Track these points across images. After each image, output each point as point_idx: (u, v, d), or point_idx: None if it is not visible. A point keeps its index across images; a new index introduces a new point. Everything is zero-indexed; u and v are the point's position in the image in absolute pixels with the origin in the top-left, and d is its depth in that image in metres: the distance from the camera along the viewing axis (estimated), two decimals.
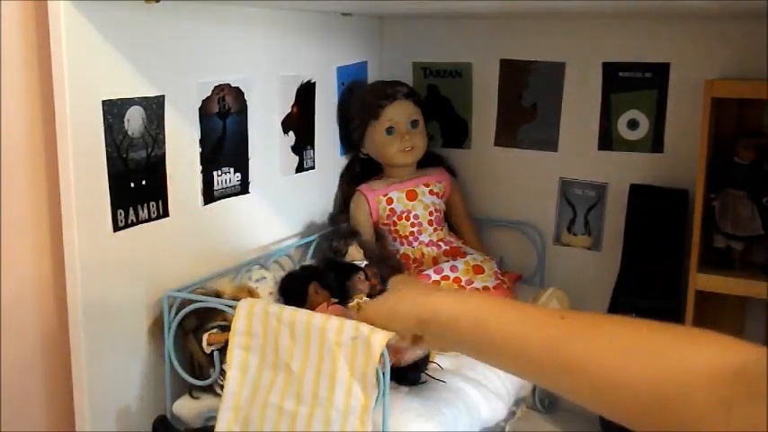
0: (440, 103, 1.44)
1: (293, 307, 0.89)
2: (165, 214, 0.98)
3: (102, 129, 0.87)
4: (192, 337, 0.95)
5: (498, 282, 1.24)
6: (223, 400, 0.87)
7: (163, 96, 0.96)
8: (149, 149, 0.94)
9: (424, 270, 1.24)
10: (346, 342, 0.82)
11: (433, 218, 1.33)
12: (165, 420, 0.93)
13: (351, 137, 1.36)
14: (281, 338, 0.86)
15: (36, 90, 0.85)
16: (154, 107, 0.94)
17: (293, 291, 1.06)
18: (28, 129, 0.85)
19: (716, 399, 0.50)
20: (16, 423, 0.88)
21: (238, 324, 0.88)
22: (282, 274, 1.11)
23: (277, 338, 0.86)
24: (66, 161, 0.83)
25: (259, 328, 0.87)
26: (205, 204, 1.06)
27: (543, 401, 1.32)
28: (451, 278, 1.22)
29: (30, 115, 0.85)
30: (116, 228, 0.90)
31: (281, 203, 1.22)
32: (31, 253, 0.87)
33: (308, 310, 0.90)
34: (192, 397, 0.97)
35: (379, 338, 0.81)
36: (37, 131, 0.86)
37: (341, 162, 1.39)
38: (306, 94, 1.26)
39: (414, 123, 1.32)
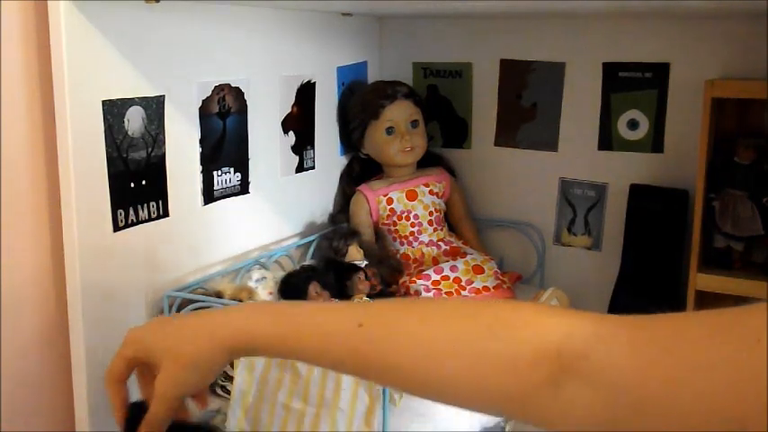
0: (440, 103, 1.44)
1: None
2: (165, 214, 0.98)
3: (102, 129, 0.87)
4: None
5: (498, 282, 1.24)
6: (232, 398, 0.87)
7: (163, 96, 0.96)
8: (149, 149, 0.94)
9: (424, 270, 1.24)
10: None
11: (433, 218, 1.33)
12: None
13: (351, 137, 1.36)
14: None
15: (36, 90, 0.85)
16: (154, 107, 0.94)
17: (293, 291, 1.06)
18: (28, 129, 0.85)
19: (543, 378, 0.49)
20: (16, 423, 0.88)
21: None
22: (282, 274, 1.11)
23: None
24: (67, 161, 0.83)
25: None
26: (205, 204, 1.06)
27: None
28: (451, 278, 1.22)
29: (30, 115, 0.85)
30: (116, 228, 0.90)
31: (281, 203, 1.22)
32: (31, 253, 0.87)
33: None
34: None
35: None
36: (37, 131, 0.86)
37: (341, 162, 1.39)
38: (306, 94, 1.26)
39: (414, 123, 1.32)
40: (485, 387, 0.52)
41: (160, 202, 0.97)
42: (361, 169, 1.39)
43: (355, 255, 1.21)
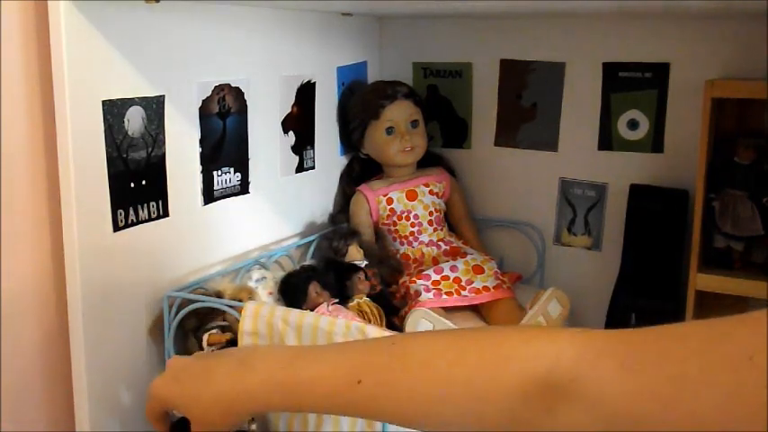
0: (440, 103, 1.44)
1: (299, 310, 0.89)
2: (165, 214, 0.98)
3: (102, 129, 0.87)
4: (192, 337, 0.95)
5: (498, 282, 1.24)
6: None
7: (163, 96, 0.96)
8: (149, 149, 0.94)
9: (424, 270, 1.24)
10: None
11: (433, 218, 1.33)
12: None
13: (351, 137, 1.36)
14: (287, 340, 0.86)
15: (36, 90, 0.85)
16: (154, 107, 0.94)
17: (293, 291, 1.06)
18: (28, 129, 0.85)
19: (537, 407, 0.50)
20: (16, 423, 0.88)
21: (245, 324, 0.89)
22: (282, 274, 1.11)
23: (283, 340, 0.87)
24: (67, 161, 0.83)
25: (264, 330, 0.88)
26: (205, 204, 1.06)
27: None
28: (451, 278, 1.22)
29: (30, 115, 0.85)
30: (116, 228, 0.90)
31: (281, 203, 1.22)
32: (31, 253, 0.87)
33: (314, 313, 0.90)
34: None
35: None
36: (37, 132, 0.86)
37: (341, 162, 1.39)
38: (306, 94, 1.26)
39: (414, 123, 1.32)
40: (485, 425, 0.54)
41: (160, 202, 0.97)
42: (361, 169, 1.39)
43: (355, 255, 1.21)
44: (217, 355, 0.72)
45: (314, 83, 1.27)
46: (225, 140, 1.08)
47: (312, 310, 0.99)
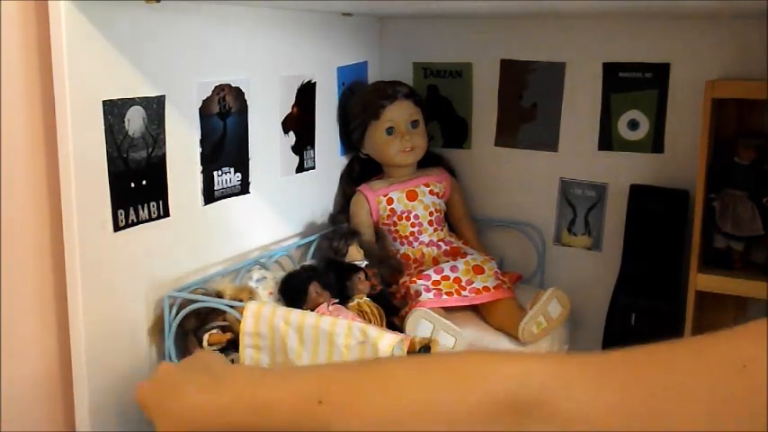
0: (440, 103, 1.44)
1: (300, 310, 0.89)
2: (166, 214, 0.98)
3: (103, 129, 0.87)
4: (193, 337, 0.95)
5: (498, 282, 1.24)
6: None
7: (163, 96, 0.96)
8: (150, 149, 0.94)
9: (424, 270, 1.24)
10: (354, 346, 0.82)
11: (433, 218, 1.33)
12: None
13: (351, 137, 1.36)
14: (289, 341, 0.86)
15: (36, 90, 0.85)
16: (154, 107, 0.94)
17: (293, 291, 1.06)
18: (28, 129, 0.85)
19: (508, 429, 0.50)
20: (16, 423, 0.88)
21: (246, 324, 0.89)
22: (282, 274, 1.11)
23: (284, 340, 0.87)
24: (67, 161, 0.83)
25: (266, 330, 0.88)
26: (205, 204, 1.06)
27: None
28: (452, 278, 1.22)
29: (30, 115, 0.85)
30: (116, 228, 0.90)
31: (281, 203, 1.22)
32: (31, 253, 0.87)
33: (316, 314, 0.90)
34: None
35: (387, 342, 0.81)
36: (37, 132, 0.86)
37: (341, 162, 1.39)
38: (306, 94, 1.26)
39: (414, 123, 1.32)
40: None
41: (160, 202, 0.97)
42: (362, 169, 1.39)
43: (355, 255, 1.21)
44: (191, 369, 0.71)
45: (314, 83, 1.27)
46: (225, 140, 1.08)
47: (312, 310, 0.99)
